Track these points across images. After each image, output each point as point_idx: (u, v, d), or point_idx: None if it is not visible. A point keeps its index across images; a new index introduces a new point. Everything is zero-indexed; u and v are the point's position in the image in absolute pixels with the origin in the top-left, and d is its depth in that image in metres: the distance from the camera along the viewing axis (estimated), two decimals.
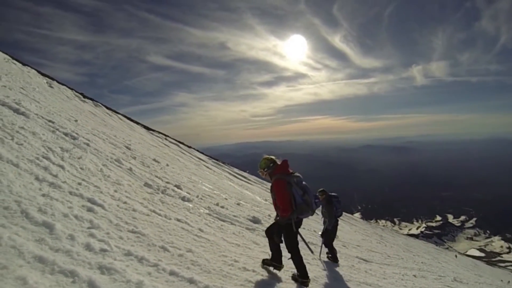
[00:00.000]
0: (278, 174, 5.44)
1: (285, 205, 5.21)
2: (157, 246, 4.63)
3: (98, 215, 4.79)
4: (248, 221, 9.05)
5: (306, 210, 5.31)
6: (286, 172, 5.45)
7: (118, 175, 7.63)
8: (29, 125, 7.81)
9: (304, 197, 5.30)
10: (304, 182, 5.45)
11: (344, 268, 8.35)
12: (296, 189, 5.30)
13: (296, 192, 5.29)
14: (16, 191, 4.29)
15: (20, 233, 3.40)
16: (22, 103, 9.51)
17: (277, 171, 5.49)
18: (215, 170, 20.55)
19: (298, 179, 5.39)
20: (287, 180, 5.30)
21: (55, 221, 3.93)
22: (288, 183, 5.28)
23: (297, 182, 5.34)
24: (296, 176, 5.41)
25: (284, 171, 5.47)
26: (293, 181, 5.31)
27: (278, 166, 5.54)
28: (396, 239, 23.53)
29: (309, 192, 5.36)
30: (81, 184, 5.81)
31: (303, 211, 5.31)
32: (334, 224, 9.09)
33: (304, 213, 5.37)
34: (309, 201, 5.31)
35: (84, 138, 9.38)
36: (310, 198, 5.33)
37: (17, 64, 20.84)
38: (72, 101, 19.18)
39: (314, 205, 5.40)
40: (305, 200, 5.30)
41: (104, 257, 3.67)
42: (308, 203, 5.30)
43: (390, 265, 11.46)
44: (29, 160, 5.65)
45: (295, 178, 5.35)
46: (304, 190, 5.34)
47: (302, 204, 5.28)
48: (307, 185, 5.43)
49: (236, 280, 4.65)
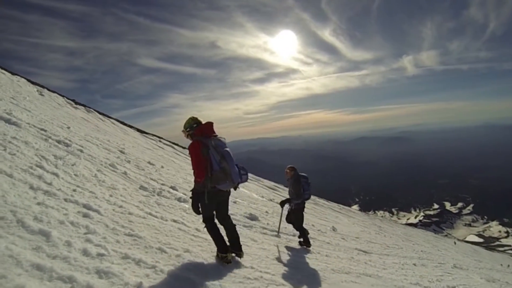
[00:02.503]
0: (198, 136, 5.02)
1: (198, 170, 4.81)
2: (154, 248, 4.64)
3: (94, 220, 4.80)
4: (245, 219, 9.10)
5: (222, 179, 4.81)
6: (207, 135, 5.02)
7: (113, 180, 7.64)
8: (21, 134, 7.79)
9: (221, 164, 4.83)
10: (228, 148, 4.97)
11: (344, 260, 8.40)
12: (214, 153, 4.86)
13: (213, 157, 4.85)
14: (11, 201, 4.29)
15: (17, 242, 3.40)
16: (13, 113, 9.48)
17: (198, 133, 5.04)
18: None
19: (218, 142, 4.96)
20: (205, 142, 4.88)
21: (51, 228, 3.94)
22: (205, 146, 4.85)
23: (216, 146, 4.89)
24: (217, 140, 5.00)
25: (206, 133, 5.03)
26: (211, 144, 4.88)
27: (200, 127, 5.09)
28: (395, 229, 23.68)
29: (228, 159, 4.86)
30: (76, 190, 5.81)
31: (219, 179, 4.81)
32: (301, 206, 8.61)
33: (221, 182, 4.84)
34: (227, 168, 4.81)
35: (77, 145, 9.38)
36: (230, 166, 4.83)
37: (6, 74, 20.71)
38: (64, 108, 19.13)
39: (236, 176, 4.91)
40: (223, 167, 4.82)
41: (101, 261, 3.69)
42: (225, 170, 4.82)
43: (390, 255, 11.56)
44: (22, 170, 5.64)
45: (213, 141, 4.93)
46: (223, 156, 4.86)
47: (218, 171, 4.81)
48: (229, 151, 4.95)
49: (234, 277, 4.67)
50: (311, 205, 20.83)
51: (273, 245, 7.50)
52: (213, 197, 4.98)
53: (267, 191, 20.28)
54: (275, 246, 7.47)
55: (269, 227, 8.94)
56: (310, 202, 22.45)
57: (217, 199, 5.11)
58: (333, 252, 8.98)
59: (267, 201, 14.99)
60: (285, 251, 7.36)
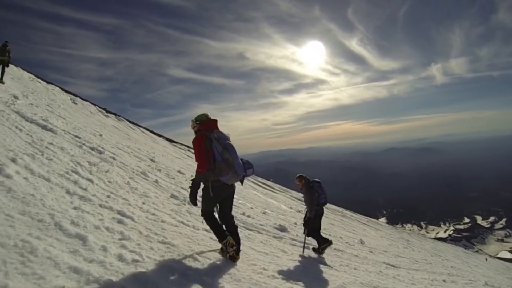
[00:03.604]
0: (202, 130, 5.02)
1: (200, 161, 4.81)
2: (187, 256, 4.63)
3: (128, 226, 4.87)
4: (274, 230, 9.03)
5: (225, 170, 4.76)
6: (210, 129, 5.02)
7: (145, 188, 7.74)
8: (57, 140, 8.06)
9: (224, 155, 4.79)
10: (230, 142, 4.99)
11: (372, 274, 8.21)
12: (216, 145, 4.85)
13: (216, 149, 4.83)
14: (49, 204, 4.41)
15: (55, 245, 3.46)
16: (49, 119, 9.82)
17: (202, 128, 5.06)
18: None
19: (220, 135, 4.98)
20: (207, 135, 4.90)
21: (88, 233, 4.00)
22: (207, 139, 4.86)
23: (218, 138, 4.91)
24: (220, 133, 5.03)
25: (209, 128, 5.04)
26: (213, 136, 4.90)
27: (205, 122, 5.11)
28: (424, 244, 23.07)
29: (231, 151, 4.86)
30: (110, 196, 5.94)
31: (222, 171, 4.76)
32: (318, 213, 8.38)
33: (224, 174, 4.78)
34: (230, 160, 4.78)
35: (109, 152, 9.59)
36: (233, 157, 4.82)
37: (42, 83, 21.44)
38: (96, 116, 19.61)
39: (240, 168, 4.90)
40: (225, 158, 4.78)
41: (136, 267, 3.70)
42: (228, 162, 4.78)
43: (419, 270, 11.23)
44: (59, 175, 5.85)
45: (216, 134, 4.95)
46: (225, 148, 4.85)
47: (220, 162, 4.77)
48: (231, 144, 4.96)
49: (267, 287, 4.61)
50: (338, 217, 20.59)
51: (303, 257, 7.42)
52: (217, 191, 4.90)
53: (295, 202, 20.19)
54: (305, 257, 7.37)
55: (298, 238, 8.85)
56: (337, 213, 22.33)
57: (221, 193, 5.01)
58: (361, 265, 8.79)
59: (296, 212, 14.91)
60: (315, 263, 7.27)
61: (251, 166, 5.24)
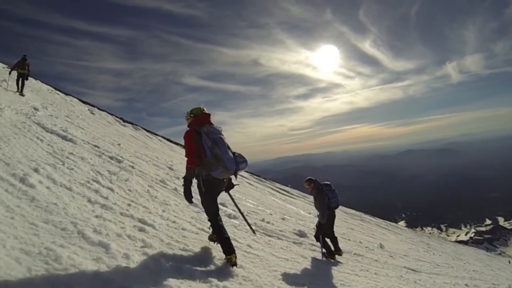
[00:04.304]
0: (193, 124, 4.95)
1: (189, 156, 4.73)
2: (209, 263, 4.64)
3: (149, 234, 4.89)
4: (294, 235, 9.00)
5: (215, 164, 4.63)
6: (202, 124, 4.93)
7: (165, 196, 7.78)
8: (77, 150, 8.20)
9: (213, 150, 4.67)
10: (222, 136, 4.87)
11: (393, 279, 8.11)
12: (206, 140, 4.74)
13: (205, 144, 4.73)
14: (72, 213, 4.49)
15: (78, 253, 3.50)
16: (69, 130, 10.00)
17: (194, 122, 4.98)
18: (257, 186, 20.62)
19: (210, 129, 4.84)
20: (198, 130, 4.81)
21: (110, 240, 4.04)
22: (197, 134, 4.78)
23: (208, 133, 4.77)
24: (210, 127, 4.89)
25: (201, 122, 4.95)
26: (203, 131, 4.79)
27: (197, 117, 5.04)
28: (444, 247, 22.70)
29: (220, 145, 4.72)
30: (130, 205, 6.00)
31: (211, 165, 4.64)
32: (330, 216, 8.26)
33: (214, 169, 4.65)
34: (219, 154, 4.64)
35: (128, 161, 9.70)
36: (222, 152, 4.67)
37: (60, 94, 21.84)
38: (113, 126, 19.89)
39: (230, 162, 4.72)
40: (215, 153, 4.65)
41: (159, 274, 3.71)
42: (217, 156, 4.64)
43: (440, 274, 11.04)
44: (80, 184, 5.94)
45: (205, 128, 4.82)
46: (214, 142, 4.72)
47: (210, 157, 4.67)
48: (222, 138, 4.82)
49: None
50: (357, 221, 20.42)
51: (323, 262, 7.40)
52: (209, 186, 4.80)
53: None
54: (325, 263, 7.32)
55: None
56: (356, 218, 22.14)
57: (214, 188, 4.91)
58: (382, 270, 8.69)
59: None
60: (335, 268, 7.22)
61: (244, 160, 5.02)
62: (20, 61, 16.29)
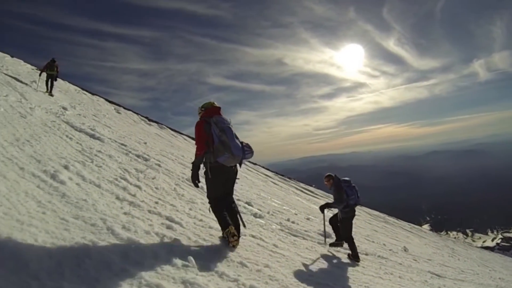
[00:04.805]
0: (204, 116, 5.13)
1: (198, 143, 4.93)
2: (236, 261, 4.60)
3: (177, 232, 4.91)
4: (319, 236, 8.92)
5: (221, 151, 4.83)
6: (211, 115, 5.10)
7: (191, 194, 7.81)
8: (105, 148, 8.36)
9: (221, 138, 4.88)
10: (230, 125, 5.07)
11: (417, 283, 7.94)
12: (215, 129, 4.95)
13: (214, 132, 4.94)
14: (101, 209, 4.56)
15: (108, 248, 3.56)
16: (96, 128, 10.22)
17: (205, 114, 5.16)
18: (282, 186, 20.57)
19: (219, 119, 5.05)
20: (207, 120, 5.01)
21: (138, 237, 4.08)
22: (206, 123, 4.98)
23: (216, 122, 4.98)
24: (219, 117, 5.09)
25: (211, 114, 5.13)
26: (212, 121, 4.99)
27: (208, 109, 5.22)
28: (470, 253, 22.08)
29: (228, 133, 4.93)
30: (158, 203, 6.04)
31: (218, 152, 4.84)
32: (350, 215, 8.08)
33: (220, 155, 4.85)
34: (227, 141, 4.85)
35: (155, 159, 9.80)
36: (229, 139, 4.87)
37: (87, 94, 22.31)
38: (139, 125, 20.17)
39: (237, 149, 4.91)
40: (222, 140, 4.86)
41: (186, 272, 3.70)
42: (224, 143, 4.85)
43: (465, 281, 10.73)
44: (109, 181, 6.06)
45: (215, 118, 5.02)
46: (222, 130, 4.93)
47: (217, 144, 4.87)
48: (230, 127, 5.03)
49: None
50: (381, 223, 20.13)
51: (348, 264, 7.30)
52: (216, 173, 4.98)
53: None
54: (349, 265, 7.24)
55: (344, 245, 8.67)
56: (380, 220, 21.81)
57: (221, 175, 5.06)
58: (406, 274, 8.50)
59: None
60: (360, 271, 7.10)
61: (251, 150, 5.22)
62: (49, 63, 16.96)
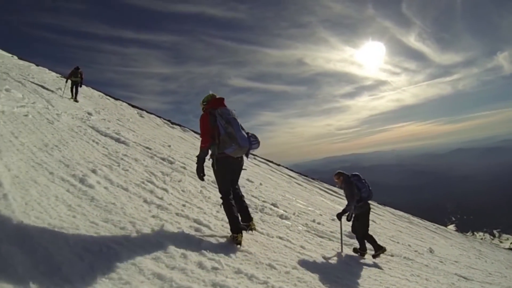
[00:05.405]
0: (208, 109, 5.08)
1: (203, 136, 4.91)
2: (264, 263, 4.58)
3: (205, 234, 4.92)
4: (344, 237, 8.79)
5: (228, 142, 4.77)
6: (215, 107, 5.06)
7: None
8: (130, 152, 8.49)
9: (227, 129, 4.81)
10: (235, 117, 5.02)
11: (444, 286, 7.74)
12: (220, 120, 4.88)
13: (220, 124, 4.87)
14: (129, 212, 4.63)
15: (138, 252, 3.58)
16: (121, 133, 10.39)
17: (208, 106, 5.12)
18: (306, 187, 20.44)
19: (224, 110, 4.99)
20: (212, 112, 4.95)
21: (168, 240, 4.09)
22: (211, 115, 4.93)
23: (222, 114, 4.93)
24: (224, 109, 5.04)
25: (215, 106, 5.09)
26: (217, 112, 4.94)
27: (212, 101, 5.19)
28: (497, 254, 21.40)
29: (234, 124, 4.88)
30: (185, 205, 6.09)
31: (225, 143, 4.79)
32: (364, 210, 7.80)
33: (227, 146, 4.79)
34: (233, 133, 4.79)
35: (180, 162, 9.85)
36: (235, 130, 4.83)
37: (111, 99, 22.70)
38: (162, 128, 20.39)
39: (243, 140, 4.87)
40: (229, 132, 4.80)
41: (216, 274, 3.70)
42: (231, 135, 4.79)
43: (493, 283, 10.40)
44: (136, 184, 6.14)
45: (219, 110, 4.97)
46: (228, 122, 4.87)
47: (223, 136, 4.80)
48: (235, 118, 4.98)
49: None
50: (405, 224, 19.78)
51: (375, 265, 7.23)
52: (223, 164, 4.94)
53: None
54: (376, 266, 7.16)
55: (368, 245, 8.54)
56: (404, 220, 21.42)
57: (228, 167, 5.03)
58: (432, 276, 8.30)
59: None
60: (386, 272, 6.99)
61: (257, 140, 5.18)
62: (73, 70, 17.48)
